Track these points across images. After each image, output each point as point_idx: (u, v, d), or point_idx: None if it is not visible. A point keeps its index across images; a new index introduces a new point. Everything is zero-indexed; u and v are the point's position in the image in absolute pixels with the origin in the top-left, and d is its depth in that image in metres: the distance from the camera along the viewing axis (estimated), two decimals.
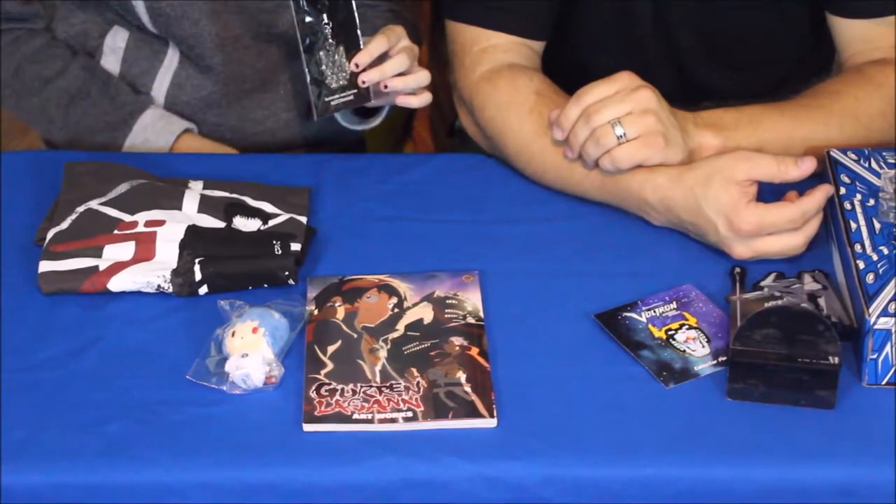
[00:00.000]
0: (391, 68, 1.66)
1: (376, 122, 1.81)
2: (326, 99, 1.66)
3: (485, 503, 1.33)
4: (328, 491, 1.33)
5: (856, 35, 1.74)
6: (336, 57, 1.66)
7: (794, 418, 1.37)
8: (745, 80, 1.85)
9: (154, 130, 1.83)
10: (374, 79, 1.66)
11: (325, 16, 1.65)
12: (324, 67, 1.65)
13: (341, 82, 1.66)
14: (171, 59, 1.83)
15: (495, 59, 1.74)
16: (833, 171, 1.57)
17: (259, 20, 1.82)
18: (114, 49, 1.84)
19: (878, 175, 1.56)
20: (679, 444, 1.35)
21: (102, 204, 1.62)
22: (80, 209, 1.61)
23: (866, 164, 1.58)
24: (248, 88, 1.86)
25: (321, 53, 1.65)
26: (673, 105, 1.60)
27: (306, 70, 1.64)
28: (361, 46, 1.66)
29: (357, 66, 1.65)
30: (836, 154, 1.60)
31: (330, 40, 1.65)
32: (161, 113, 1.84)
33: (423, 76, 1.69)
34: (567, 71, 1.76)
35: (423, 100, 1.71)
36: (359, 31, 1.66)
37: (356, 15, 1.66)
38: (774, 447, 1.34)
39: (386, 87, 1.67)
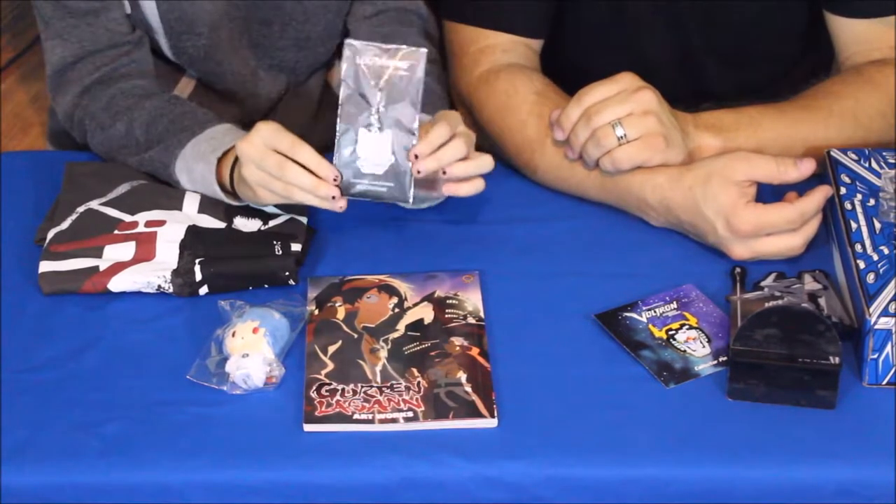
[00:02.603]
0: (450, 155, 1.51)
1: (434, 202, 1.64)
2: (353, 180, 1.50)
3: (485, 503, 1.33)
4: (328, 491, 1.33)
5: (855, 35, 1.74)
6: (379, 140, 1.49)
7: (794, 418, 1.37)
8: (744, 79, 1.85)
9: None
10: (431, 168, 1.50)
11: (378, 94, 1.48)
12: (360, 149, 1.49)
13: (377, 171, 1.50)
14: (187, 85, 1.82)
15: (494, 59, 1.74)
16: (833, 171, 1.57)
17: (274, 57, 1.81)
18: None
19: (878, 175, 1.57)
20: (679, 444, 1.35)
21: (103, 204, 1.62)
22: (81, 209, 1.61)
23: (866, 164, 1.58)
24: (264, 110, 1.86)
25: (362, 132, 1.49)
26: (672, 105, 1.60)
27: (336, 146, 1.49)
28: (416, 136, 1.49)
29: (416, 156, 1.49)
30: (836, 154, 1.60)
31: (374, 119, 1.49)
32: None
33: (485, 162, 1.54)
34: (566, 70, 1.77)
35: (474, 187, 1.55)
36: (416, 121, 1.49)
37: (420, 100, 1.48)
38: (774, 447, 1.34)
39: (445, 173, 1.52)
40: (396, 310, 1.49)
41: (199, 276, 1.51)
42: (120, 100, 1.67)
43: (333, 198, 1.48)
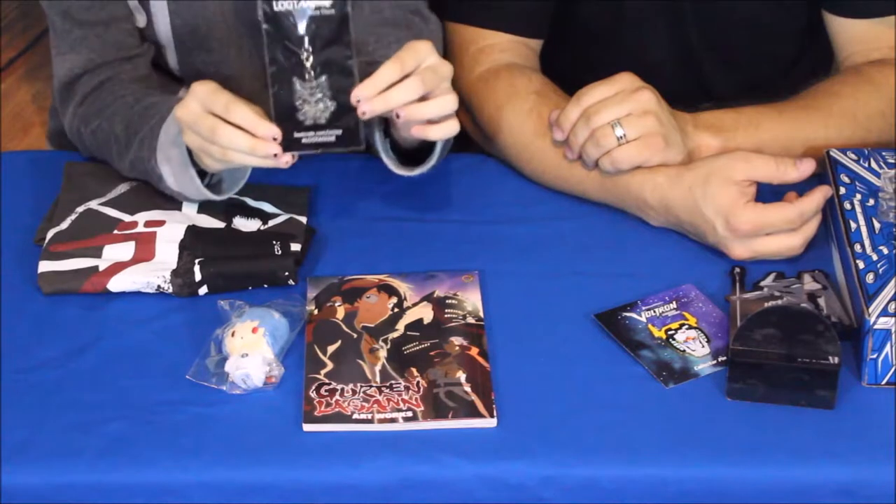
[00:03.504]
0: (399, 96, 1.41)
1: (428, 166, 1.56)
2: (297, 135, 1.41)
3: (485, 503, 1.33)
4: (328, 491, 1.33)
5: (854, 35, 1.74)
6: (315, 87, 1.40)
7: (794, 418, 1.37)
8: (744, 79, 1.85)
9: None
10: (378, 109, 1.41)
11: (306, 39, 1.39)
12: (296, 100, 1.41)
13: (320, 120, 1.41)
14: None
15: (493, 59, 1.74)
16: (833, 170, 1.57)
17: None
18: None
19: (877, 175, 1.57)
20: (679, 444, 1.35)
21: (102, 204, 1.62)
22: (80, 209, 1.61)
23: (866, 164, 1.58)
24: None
25: (295, 82, 1.40)
26: (672, 105, 1.60)
27: (271, 102, 1.41)
28: (355, 76, 1.41)
29: (358, 100, 1.41)
30: (835, 154, 1.60)
31: (308, 66, 1.40)
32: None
33: (446, 101, 1.44)
34: (566, 70, 1.77)
35: (445, 130, 1.47)
36: (353, 59, 1.41)
37: (352, 38, 1.40)
38: (774, 447, 1.34)
39: (399, 116, 1.43)
40: (396, 310, 1.49)
41: (198, 277, 1.52)
42: (108, 100, 1.65)
43: (276, 155, 1.41)
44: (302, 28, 1.40)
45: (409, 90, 1.42)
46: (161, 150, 1.54)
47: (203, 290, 1.52)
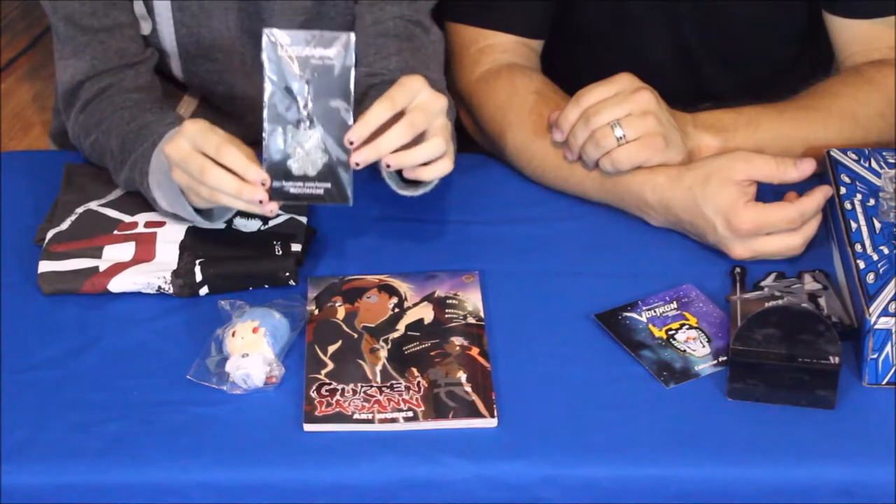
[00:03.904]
0: (388, 143, 1.39)
1: (430, 186, 1.53)
2: (285, 184, 1.40)
3: (484, 503, 1.33)
4: (328, 491, 1.33)
5: (854, 35, 1.74)
6: (309, 137, 1.39)
7: (794, 418, 1.37)
8: (743, 79, 1.85)
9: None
10: (370, 158, 1.39)
11: (306, 87, 1.38)
12: (288, 148, 1.39)
13: (310, 171, 1.40)
14: (189, 104, 1.82)
15: (494, 59, 1.74)
16: (833, 170, 1.57)
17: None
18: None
19: (878, 175, 1.57)
20: (679, 444, 1.35)
21: (102, 205, 1.62)
22: (80, 210, 1.61)
23: (866, 164, 1.58)
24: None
25: (290, 130, 1.39)
26: (672, 105, 1.60)
27: (263, 146, 1.39)
28: (351, 126, 1.39)
29: (351, 143, 1.38)
30: (836, 154, 1.60)
31: (304, 115, 1.38)
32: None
33: (433, 146, 1.41)
34: (566, 70, 1.77)
35: (437, 171, 1.44)
36: (350, 112, 1.38)
37: (352, 89, 1.38)
38: (774, 447, 1.34)
39: (388, 166, 1.41)
40: (396, 310, 1.49)
41: (199, 277, 1.51)
42: (108, 111, 1.64)
43: (262, 202, 1.40)
44: (303, 75, 1.38)
45: (399, 136, 1.40)
46: (153, 174, 1.54)
47: (204, 290, 1.52)
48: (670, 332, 1.46)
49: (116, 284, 1.51)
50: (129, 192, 1.62)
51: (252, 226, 1.59)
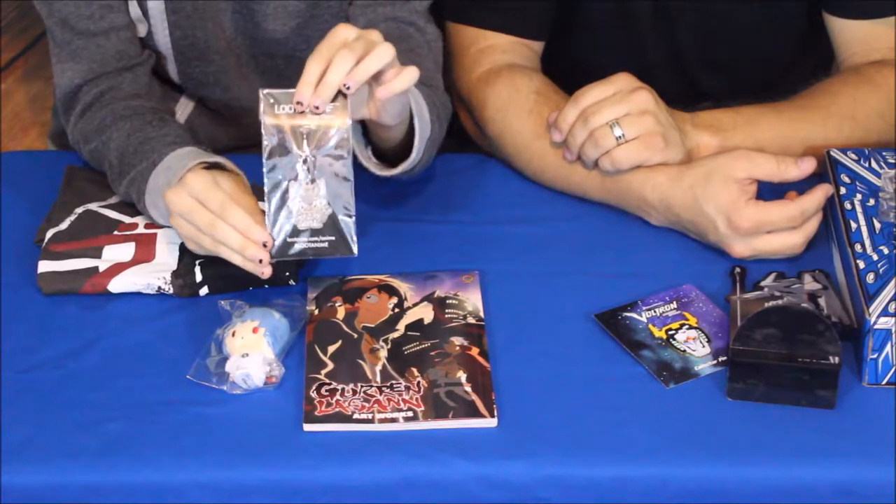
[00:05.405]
0: (334, 75, 1.39)
1: (405, 166, 1.56)
2: (290, 239, 1.42)
3: (484, 503, 1.33)
4: (328, 491, 1.33)
5: (854, 36, 1.74)
6: (313, 193, 1.41)
7: (794, 418, 1.37)
8: (742, 80, 1.85)
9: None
10: (323, 97, 1.39)
11: (304, 141, 1.40)
12: (293, 204, 1.41)
13: (314, 224, 1.42)
14: (185, 106, 1.81)
15: (494, 60, 1.74)
16: (833, 170, 1.57)
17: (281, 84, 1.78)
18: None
19: (878, 175, 1.57)
20: (679, 444, 1.35)
21: (102, 206, 1.62)
22: (80, 210, 1.61)
23: (866, 164, 1.58)
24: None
25: (294, 186, 1.41)
26: (671, 105, 1.60)
27: (267, 203, 1.41)
28: (351, 179, 1.42)
29: (300, 103, 1.40)
30: (836, 154, 1.60)
31: (308, 172, 1.41)
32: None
33: (381, 50, 1.41)
34: (567, 70, 1.77)
35: (404, 78, 1.42)
36: (350, 164, 1.41)
37: (351, 147, 1.41)
38: (774, 447, 1.34)
39: (349, 87, 1.40)
40: (396, 310, 1.49)
41: (199, 278, 1.52)
42: (107, 120, 1.63)
43: (261, 261, 1.43)
44: (306, 130, 1.41)
45: (342, 62, 1.39)
46: (149, 195, 1.54)
47: (204, 290, 1.52)
48: (670, 332, 1.46)
49: (116, 285, 1.51)
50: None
51: None
